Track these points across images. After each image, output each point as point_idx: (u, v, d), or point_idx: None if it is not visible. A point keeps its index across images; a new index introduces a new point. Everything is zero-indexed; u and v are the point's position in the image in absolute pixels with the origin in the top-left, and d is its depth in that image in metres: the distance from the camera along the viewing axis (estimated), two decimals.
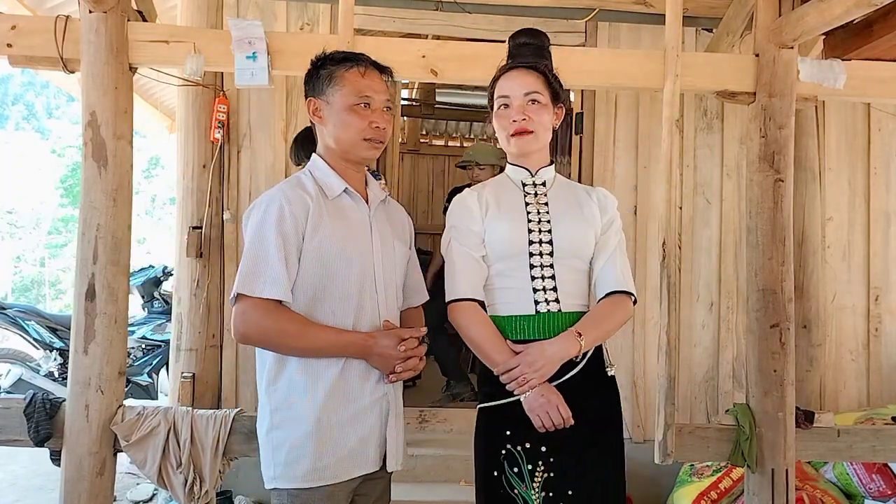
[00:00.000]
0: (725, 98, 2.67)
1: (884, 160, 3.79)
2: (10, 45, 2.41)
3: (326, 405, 1.57)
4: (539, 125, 1.72)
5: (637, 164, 3.71)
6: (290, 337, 1.56)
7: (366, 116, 1.64)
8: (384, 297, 1.67)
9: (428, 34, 3.87)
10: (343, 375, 1.59)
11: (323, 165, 1.69)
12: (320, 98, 1.67)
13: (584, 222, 1.74)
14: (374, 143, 1.66)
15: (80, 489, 2.28)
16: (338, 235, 1.60)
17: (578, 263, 1.74)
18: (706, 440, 2.54)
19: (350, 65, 1.66)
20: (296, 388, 1.59)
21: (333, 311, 1.60)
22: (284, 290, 1.55)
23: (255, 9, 3.49)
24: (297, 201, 1.59)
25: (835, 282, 3.73)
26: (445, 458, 3.44)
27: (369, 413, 1.62)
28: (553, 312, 1.68)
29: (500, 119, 1.75)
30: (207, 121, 3.41)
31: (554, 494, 1.64)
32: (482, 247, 1.73)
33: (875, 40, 2.64)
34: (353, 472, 1.60)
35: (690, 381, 3.69)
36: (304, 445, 1.56)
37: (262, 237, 1.57)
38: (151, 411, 2.36)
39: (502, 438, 1.68)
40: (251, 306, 1.54)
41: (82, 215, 2.35)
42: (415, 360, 1.63)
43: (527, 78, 1.73)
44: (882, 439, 2.59)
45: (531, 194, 1.78)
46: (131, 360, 4.82)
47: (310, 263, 1.58)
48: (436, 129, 8.35)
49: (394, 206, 1.86)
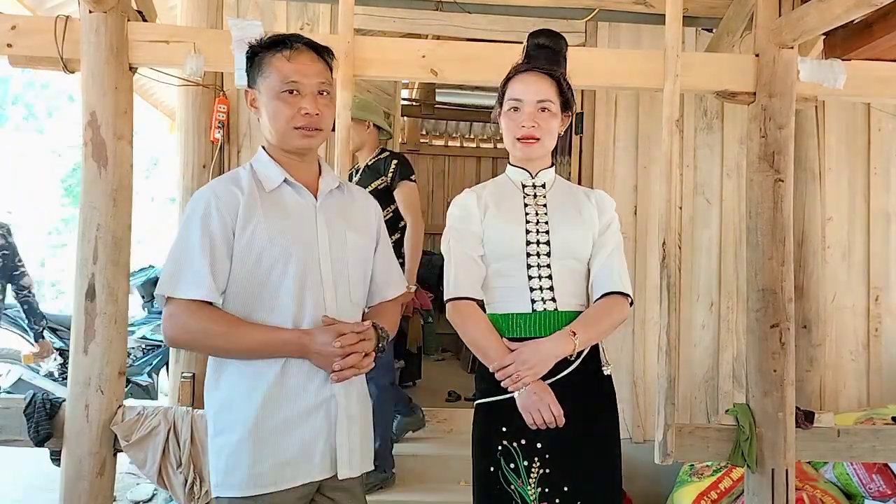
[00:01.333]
0: (725, 98, 2.67)
1: (884, 160, 3.79)
2: (10, 45, 2.41)
3: (264, 408, 1.48)
4: (546, 133, 1.74)
5: (637, 164, 3.71)
6: (217, 338, 1.47)
7: (293, 104, 1.53)
8: (332, 292, 1.56)
9: (428, 34, 3.87)
10: (284, 376, 1.49)
11: (264, 157, 1.61)
12: (254, 88, 1.59)
13: (581, 224, 1.76)
14: (305, 132, 1.55)
15: (80, 489, 2.28)
16: (273, 229, 1.51)
17: (575, 264, 1.75)
18: (706, 440, 2.54)
19: (276, 49, 1.55)
20: (236, 390, 1.50)
21: (272, 309, 1.51)
22: (208, 291, 1.46)
23: (255, 9, 3.49)
24: (226, 197, 1.52)
25: (835, 282, 3.73)
26: (445, 458, 3.44)
27: (314, 416, 1.51)
28: (550, 311, 1.70)
29: (509, 121, 1.76)
30: (207, 121, 3.41)
31: (550, 490, 1.65)
32: (480, 247, 1.75)
33: (875, 40, 2.65)
34: (297, 479, 1.49)
35: (690, 381, 3.69)
36: (241, 451, 1.48)
37: (187, 236, 1.50)
38: (151, 411, 2.36)
39: (499, 435, 1.69)
40: (176, 308, 1.47)
41: (82, 215, 2.36)
42: (355, 357, 1.49)
43: (541, 84, 1.73)
44: (882, 439, 2.59)
45: (530, 196, 1.80)
46: (131, 360, 4.82)
47: (243, 260, 1.50)
48: (436, 129, 8.35)
49: (355, 194, 1.74)
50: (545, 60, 1.80)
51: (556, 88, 1.75)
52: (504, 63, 2.52)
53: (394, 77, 3.66)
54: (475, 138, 8.42)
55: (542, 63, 1.78)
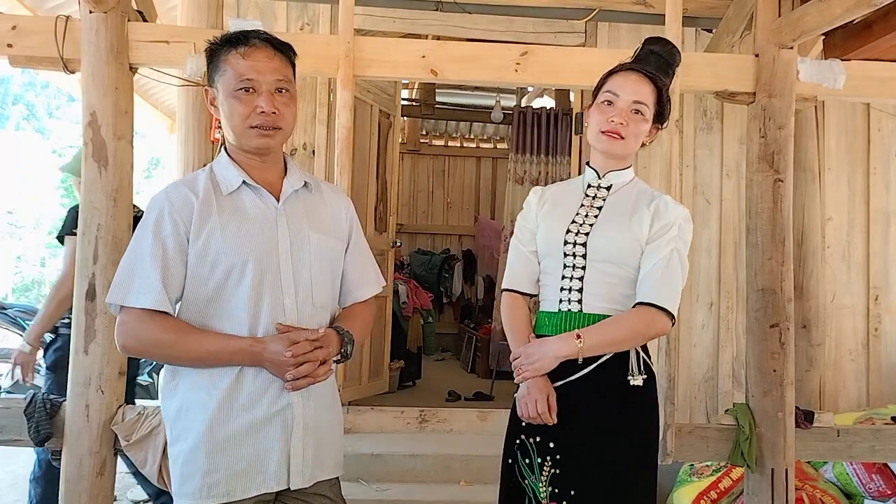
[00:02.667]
0: (725, 98, 2.67)
1: (884, 160, 3.79)
2: (11, 45, 2.41)
3: (219, 416, 1.44)
4: (632, 135, 1.70)
5: (637, 164, 3.69)
6: (168, 347, 1.44)
7: (249, 102, 1.48)
8: (292, 297, 1.50)
9: (428, 34, 3.88)
10: (238, 384, 1.45)
11: (224, 158, 1.56)
12: (213, 86, 1.54)
13: (626, 228, 1.69)
14: (262, 131, 1.49)
15: (80, 489, 2.28)
16: (228, 233, 1.46)
17: (614, 269, 1.69)
18: (706, 440, 2.54)
19: (230, 47, 1.50)
20: (191, 397, 1.47)
21: (229, 316, 1.47)
22: (158, 299, 1.42)
23: (255, 9, 3.50)
24: (180, 201, 1.47)
25: (834, 282, 3.73)
26: (445, 458, 3.44)
27: (269, 424, 1.47)
28: (574, 312, 1.69)
29: (599, 113, 1.72)
30: (207, 121, 3.41)
31: (559, 491, 1.65)
32: (534, 242, 1.79)
33: (875, 40, 2.65)
34: (251, 489, 1.45)
35: (690, 381, 3.69)
36: (195, 460, 1.44)
37: (139, 243, 1.46)
38: (151, 411, 2.36)
39: (519, 429, 1.72)
40: (127, 316, 1.44)
41: (83, 215, 2.36)
42: (309, 366, 1.44)
43: (642, 86, 1.70)
44: (882, 439, 2.59)
45: (590, 196, 1.78)
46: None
47: (198, 267, 1.46)
48: (436, 129, 8.35)
49: (325, 192, 1.67)
50: (655, 66, 1.75)
51: (655, 95, 1.71)
52: (504, 63, 2.55)
53: (394, 77, 3.66)
54: (475, 138, 8.42)
55: (650, 68, 1.74)
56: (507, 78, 2.58)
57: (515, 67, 2.54)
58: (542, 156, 5.91)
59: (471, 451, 3.49)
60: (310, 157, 3.58)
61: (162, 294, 1.43)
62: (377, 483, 3.33)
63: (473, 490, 3.33)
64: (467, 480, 3.41)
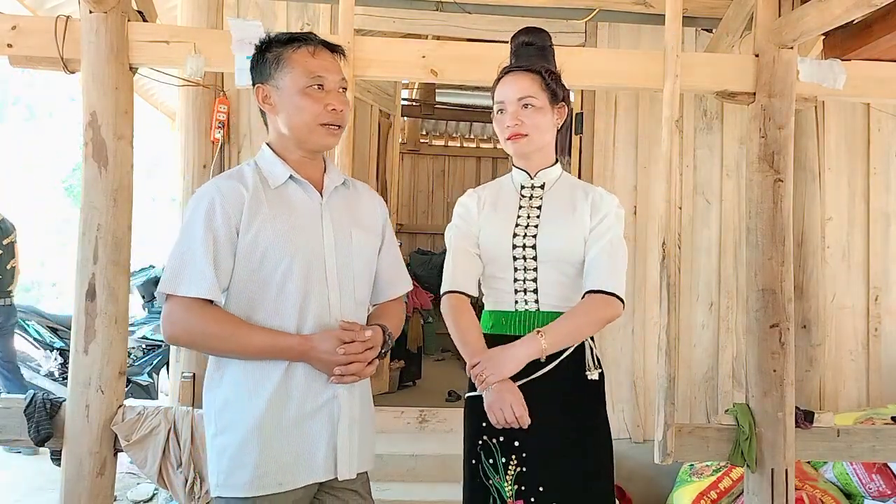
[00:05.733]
0: (725, 98, 2.67)
1: (884, 160, 3.79)
2: (11, 45, 2.41)
3: (269, 409, 1.47)
4: (533, 128, 1.73)
5: (637, 164, 3.71)
6: (218, 339, 1.45)
7: (320, 99, 1.51)
8: (337, 291, 1.53)
9: (428, 34, 3.88)
10: (287, 377, 1.48)
11: (269, 154, 1.58)
12: (268, 84, 1.55)
13: (572, 226, 1.73)
14: (331, 129, 1.53)
15: (80, 489, 2.28)
16: (278, 227, 1.48)
17: (565, 267, 1.73)
18: (706, 440, 2.54)
19: (298, 45, 1.53)
20: (238, 390, 1.48)
21: (276, 309, 1.49)
22: (210, 289, 1.44)
23: (255, 9, 3.50)
24: (231, 194, 1.49)
25: (835, 282, 3.73)
26: (445, 458, 3.44)
27: (316, 417, 1.50)
28: (531, 311, 1.72)
29: (497, 124, 1.79)
30: (207, 121, 3.42)
31: (526, 489, 1.66)
32: (477, 245, 1.78)
33: (875, 40, 2.64)
34: (299, 479, 1.48)
35: (690, 381, 3.69)
36: (246, 452, 1.46)
37: (190, 233, 1.47)
38: (151, 411, 2.36)
39: (480, 430, 1.72)
40: (176, 306, 1.45)
41: (82, 215, 2.36)
42: (358, 365, 1.48)
43: (521, 82, 1.73)
44: (882, 439, 2.59)
45: (526, 197, 1.80)
46: (131, 360, 4.82)
47: (247, 258, 1.48)
48: (436, 129, 8.36)
49: (360, 190, 1.71)
50: (532, 57, 1.79)
51: (538, 82, 1.73)
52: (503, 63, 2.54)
53: (394, 77, 3.66)
54: (475, 138, 8.42)
55: (527, 61, 1.77)
56: None
57: None
58: None
59: None
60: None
61: (214, 283, 1.44)
62: (377, 483, 3.32)
63: None
64: None
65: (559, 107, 1.78)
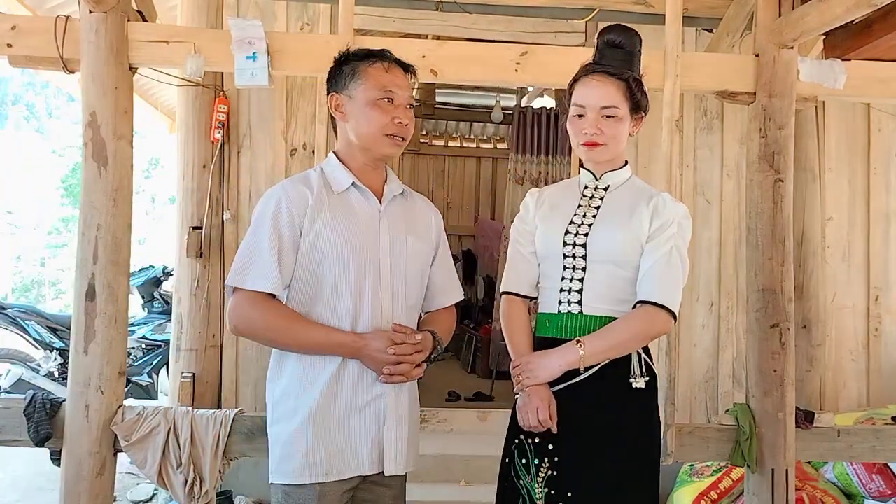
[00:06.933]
0: (725, 98, 2.66)
1: (884, 160, 3.79)
2: (10, 45, 2.40)
3: (321, 401, 1.57)
4: (611, 139, 1.69)
5: (637, 163, 3.70)
6: (276, 332, 1.57)
7: (388, 111, 1.62)
8: (389, 295, 1.63)
9: (428, 34, 3.88)
10: (340, 372, 1.58)
11: (334, 160, 1.69)
12: (342, 93, 1.66)
13: (626, 227, 1.67)
14: (395, 140, 1.65)
15: (80, 489, 2.27)
16: (339, 230, 1.59)
17: (615, 269, 1.67)
18: (706, 440, 2.54)
19: (374, 60, 1.65)
20: (295, 382, 1.59)
21: (332, 308, 1.59)
22: (274, 284, 1.55)
23: (255, 9, 3.49)
24: (297, 196, 1.60)
25: (835, 282, 3.73)
26: (445, 458, 3.44)
27: (363, 412, 1.60)
28: (574, 314, 1.68)
29: (573, 126, 1.73)
30: (207, 121, 3.42)
31: (555, 493, 1.65)
32: (533, 243, 1.78)
33: (875, 40, 2.64)
34: (346, 471, 1.58)
35: (690, 381, 3.69)
36: (297, 441, 1.56)
37: (257, 231, 1.58)
38: (151, 411, 2.36)
39: (518, 429, 1.72)
40: (241, 299, 1.56)
41: (82, 215, 2.35)
42: (406, 367, 1.58)
43: (606, 88, 1.67)
44: (882, 439, 2.59)
45: (587, 197, 1.77)
46: (131, 360, 4.82)
47: (307, 258, 1.58)
48: (436, 129, 8.35)
49: (418, 201, 1.82)
50: (618, 60, 1.71)
51: (623, 90, 1.68)
52: (504, 63, 2.54)
53: None
54: (475, 138, 8.42)
55: (611, 63, 1.71)
56: (507, 78, 2.58)
57: (515, 67, 2.53)
58: (543, 156, 5.90)
59: (471, 452, 3.49)
60: (309, 157, 3.57)
61: (277, 279, 1.56)
62: None
63: (473, 490, 3.33)
64: (467, 480, 3.41)
65: (638, 116, 1.73)
